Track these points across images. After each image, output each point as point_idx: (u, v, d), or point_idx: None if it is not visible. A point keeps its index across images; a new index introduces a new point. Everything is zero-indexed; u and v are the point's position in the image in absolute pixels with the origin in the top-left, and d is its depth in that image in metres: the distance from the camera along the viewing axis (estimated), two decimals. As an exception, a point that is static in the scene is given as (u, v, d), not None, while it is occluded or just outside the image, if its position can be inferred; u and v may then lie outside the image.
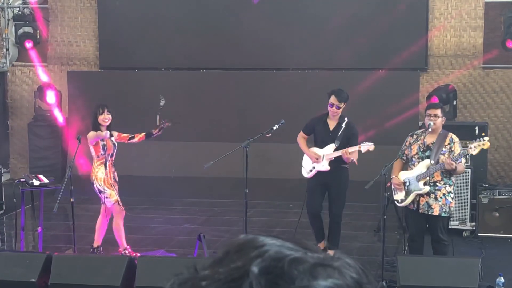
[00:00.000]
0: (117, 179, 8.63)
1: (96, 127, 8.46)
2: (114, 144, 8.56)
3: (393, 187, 7.94)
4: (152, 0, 13.10)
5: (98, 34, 13.50)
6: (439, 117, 7.69)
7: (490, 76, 12.27)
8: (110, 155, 8.52)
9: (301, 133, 8.67)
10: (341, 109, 8.36)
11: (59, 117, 13.14)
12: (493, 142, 11.91)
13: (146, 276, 7.10)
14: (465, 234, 9.96)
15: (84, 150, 11.85)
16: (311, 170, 8.52)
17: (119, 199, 8.52)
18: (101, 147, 8.45)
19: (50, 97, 12.92)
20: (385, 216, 7.84)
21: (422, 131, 7.87)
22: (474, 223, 10.01)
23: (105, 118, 8.47)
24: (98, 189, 8.45)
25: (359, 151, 8.25)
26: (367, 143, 8.26)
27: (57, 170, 12.72)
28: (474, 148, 7.55)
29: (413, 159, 7.80)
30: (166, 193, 11.77)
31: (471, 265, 7.33)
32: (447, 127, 8.01)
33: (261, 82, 12.84)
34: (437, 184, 7.66)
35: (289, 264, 1.10)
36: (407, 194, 7.78)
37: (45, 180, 9.00)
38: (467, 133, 10.08)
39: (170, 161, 12.63)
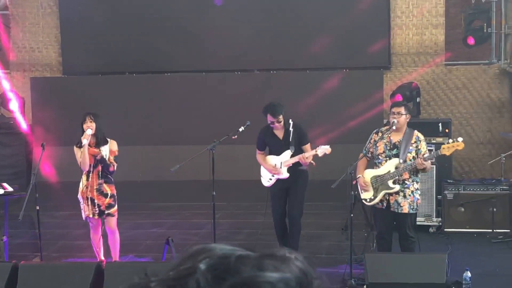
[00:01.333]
0: (107, 191, 8.16)
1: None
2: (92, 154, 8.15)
3: (359, 187, 7.98)
4: (115, 5, 13.03)
5: (60, 39, 13.38)
6: (402, 114, 7.74)
7: (453, 73, 12.40)
8: (93, 165, 8.14)
9: (257, 152, 8.63)
10: (282, 121, 8.32)
11: (23, 124, 13.00)
12: (457, 138, 12.03)
13: (114, 282, 7.05)
14: (432, 230, 10.06)
15: (49, 157, 11.80)
16: (270, 179, 8.53)
17: (92, 215, 8.16)
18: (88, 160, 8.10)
19: (13, 104, 12.78)
20: (352, 215, 7.86)
21: (386, 129, 7.90)
22: (440, 219, 10.11)
23: (88, 126, 8.01)
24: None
25: (316, 155, 8.27)
26: (324, 146, 8.25)
27: (22, 178, 12.59)
28: (448, 149, 7.60)
29: (380, 157, 7.83)
30: (133, 197, 11.71)
31: (438, 260, 7.39)
32: (411, 124, 8.06)
33: (226, 84, 12.84)
34: (406, 182, 7.71)
35: (236, 260, 1.13)
36: (376, 193, 7.82)
37: (9, 188, 8.89)
38: (431, 130, 10.20)
39: (137, 166, 12.57)
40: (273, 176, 8.49)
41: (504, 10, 11.85)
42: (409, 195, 7.71)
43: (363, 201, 8.06)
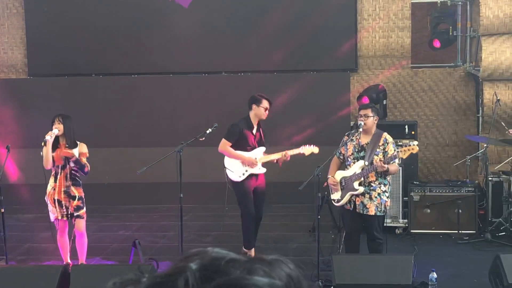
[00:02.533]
0: (74, 193, 8.07)
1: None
2: (66, 156, 8.06)
3: (329, 187, 8.03)
4: (82, 5, 12.92)
5: (26, 40, 13.25)
6: (370, 116, 7.80)
7: (419, 75, 12.51)
8: (61, 167, 8.05)
9: (225, 141, 8.60)
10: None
11: (-12, 126, 12.83)
12: (422, 140, 12.17)
13: (80, 285, 7.00)
14: (398, 231, 10.13)
15: (14, 159, 11.67)
16: (243, 174, 8.59)
17: (60, 216, 8.08)
18: (51, 158, 8.01)
19: (-22, 105, 12.62)
20: (319, 217, 7.90)
21: (355, 131, 7.98)
22: (406, 220, 10.19)
23: (54, 127, 7.94)
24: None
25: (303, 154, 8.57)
26: (310, 146, 8.58)
27: (-13, 180, 12.41)
28: (404, 152, 7.73)
29: (349, 159, 7.91)
30: (100, 200, 11.61)
31: (405, 261, 7.45)
32: (378, 127, 8.12)
33: (193, 86, 12.81)
34: (372, 184, 7.77)
35: (226, 262, 1.16)
36: (343, 194, 7.88)
37: (-26, 191, 8.76)
38: (397, 132, 10.26)
39: (104, 168, 12.48)
40: (246, 170, 8.56)
41: (470, 13, 11.99)
42: (376, 197, 7.76)
43: (332, 201, 8.12)
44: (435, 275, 7.46)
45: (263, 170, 8.67)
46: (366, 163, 7.73)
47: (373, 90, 11.52)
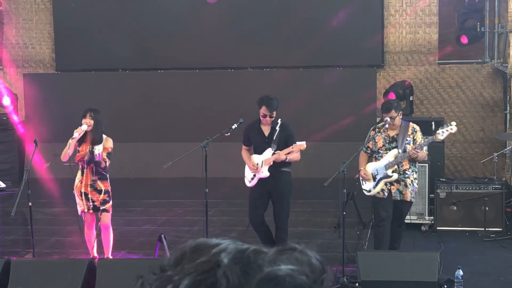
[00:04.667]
0: (100, 187, 8.18)
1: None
2: (91, 152, 8.14)
3: (361, 178, 8.16)
4: (109, 1, 13.00)
5: (53, 35, 13.35)
6: (395, 117, 7.92)
7: (446, 72, 12.42)
8: (86, 162, 8.16)
9: (243, 147, 8.50)
10: (274, 117, 8.21)
11: (16, 120, 12.96)
12: (450, 137, 12.06)
13: (106, 279, 7.05)
14: (424, 228, 10.08)
15: (42, 153, 11.77)
16: (252, 179, 8.35)
17: (87, 209, 8.18)
18: (71, 153, 8.11)
19: (6, 100, 12.74)
20: (344, 213, 7.89)
21: (382, 124, 8.08)
22: (432, 217, 10.13)
23: (85, 122, 8.07)
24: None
25: (292, 152, 8.14)
26: (299, 142, 8.11)
27: (15, 174, 12.55)
28: (443, 133, 7.89)
29: (380, 151, 8.08)
30: (126, 194, 11.67)
31: (430, 258, 7.42)
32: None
33: (219, 81, 12.83)
34: (406, 172, 8.00)
35: (254, 254, 1.18)
36: (376, 184, 7.95)
37: (2, 185, 8.88)
38: (423, 129, 10.16)
39: (130, 163, 12.56)
40: (254, 175, 8.34)
41: (498, 9, 11.88)
42: (410, 184, 8.02)
43: (364, 191, 8.27)
44: (461, 272, 7.42)
45: (267, 174, 8.20)
46: (400, 150, 7.91)
47: (400, 86, 11.46)
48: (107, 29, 12.95)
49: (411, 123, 8.16)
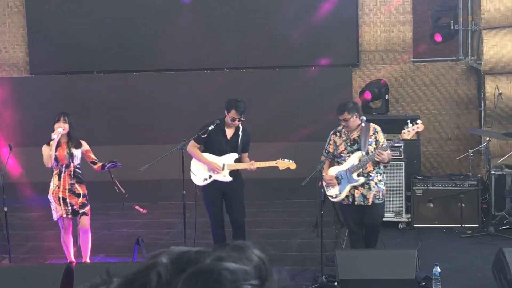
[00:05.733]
0: (79, 191, 8.21)
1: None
2: (70, 154, 8.17)
3: (325, 184, 8.02)
4: (83, 3, 12.91)
5: (27, 38, 13.24)
6: (349, 119, 7.80)
7: (420, 70, 12.49)
8: (64, 166, 8.15)
9: (193, 142, 8.32)
10: (242, 121, 8.22)
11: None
12: (425, 134, 12.16)
13: (84, 283, 7.00)
14: (401, 226, 10.13)
15: (17, 158, 11.68)
16: (206, 179, 8.30)
17: (65, 214, 8.16)
18: (54, 157, 8.12)
19: (-20, 104, 12.63)
20: (322, 212, 7.91)
21: (341, 128, 7.98)
22: (409, 215, 10.18)
23: (59, 126, 8.03)
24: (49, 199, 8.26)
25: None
26: (287, 160, 8.26)
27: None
28: (408, 133, 7.74)
29: (342, 155, 7.95)
30: (103, 197, 11.60)
31: (408, 256, 7.45)
32: (379, 122, 8.16)
33: (195, 83, 12.80)
34: (370, 174, 7.86)
35: (196, 253, 1.19)
36: (342, 188, 7.89)
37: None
38: (399, 127, 10.21)
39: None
40: (210, 176, 8.30)
41: (471, 7, 11.96)
42: (374, 187, 7.86)
43: (329, 197, 8.11)
44: (438, 269, 7.47)
45: (229, 178, 8.21)
46: (363, 153, 7.78)
47: (375, 85, 11.51)
48: (82, 32, 12.86)
49: (371, 123, 7.98)
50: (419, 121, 7.81)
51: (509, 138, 10.54)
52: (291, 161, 8.21)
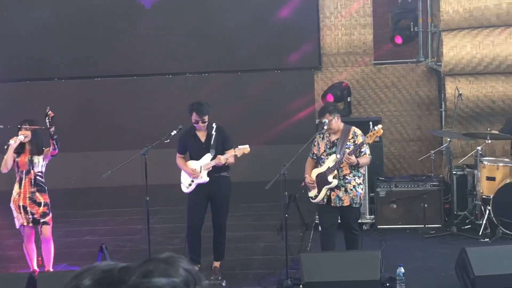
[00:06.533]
0: (40, 200, 8.05)
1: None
2: (30, 160, 8.07)
3: (307, 185, 8.10)
4: (42, 9, 12.78)
5: (-15, 46, 13.08)
6: (330, 120, 7.87)
7: (382, 72, 12.58)
8: (25, 172, 8.02)
9: (178, 155, 8.49)
10: (206, 122, 8.19)
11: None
12: (387, 136, 12.24)
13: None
14: (365, 227, 10.18)
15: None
16: (190, 184, 8.33)
17: (26, 222, 8.04)
18: (15, 164, 8.01)
19: None
20: (286, 215, 7.92)
21: (325, 130, 8.06)
22: (373, 216, 10.24)
23: (21, 133, 7.95)
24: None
25: (235, 155, 8.19)
26: (242, 146, 8.18)
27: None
28: (370, 137, 7.84)
29: (322, 157, 8.03)
30: (66, 205, 11.51)
31: (372, 257, 7.49)
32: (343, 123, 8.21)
33: (158, 87, 12.76)
34: (347, 177, 7.90)
35: (119, 271, 1.15)
36: (319, 190, 7.95)
37: None
38: (362, 129, 10.25)
39: (69, 173, 12.37)
40: (192, 181, 8.32)
41: (430, 9, 12.07)
42: (351, 190, 7.89)
43: (310, 199, 8.20)
44: (402, 270, 7.52)
45: (206, 179, 8.20)
46: (338, 156, 7.84)
47: (337, 88, 11.56)
48: (41, 38, 12.74)
49: (353, 127, 8.06)
50: (377, 127, 7.91)
51: (470, 138, 10.66)
52: (246, 146, 8.18)
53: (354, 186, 7.90)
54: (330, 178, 7.87)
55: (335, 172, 7.87)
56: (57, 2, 12.77)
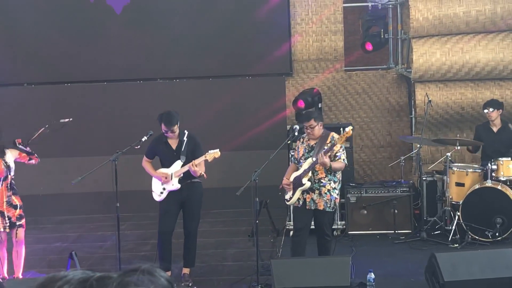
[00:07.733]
0: (16, 203, 8.05)
1: None
2: (7, 166, 8.04)
3: (284, 187, 8.18)
4: (11, 12, 12.66)
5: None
6: (314, 126, 7.96)
7: (352, 78, 12.64)
8: (2, 179, 7.99)
9: (145, 158, 8.48)
10: (177, 132, 8.18)
11: None
12: (358, 142, 12.31)
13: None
14: (336, 233, 10.22)
15: None
16: (162, 192, 8.30)
17: (3, 228, 7.98)
18: None
19: None
20: (257, 221, 7.93)
21: (305, 135, 8.17)
22: (344, 222, 10.29)
23: None
24: None
25: (206, 160, 8.17)
26: (212, 150, 8.18)
27: None
28: (339, 139, 7.89)
29: (301, 160, 8.11)
30: (35, 211, 11.39)
31: (343, 263, 7.52)
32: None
33: (128, 93, 12.69)
34: (322, 180, 7.97)
35: (97, 281, 1.13)
36: (293, 192, 8.01)
37: None
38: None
39: (38, 179, 12.25)
40: (164, 188, 8.29)
41: (400, 16, 12.18)
42: (325, 193, 7.95)
43: (285, 201, 8.30)
44: (372, 275, 7.55)
45: (177, 186, 8.20)
46: (314, 159, 7.89)
47: (308, 94, 11.60)
48: (11, 43, 12.62)
49: (332, 132, 8.13)
50: (347, 128, 8.02)
51: (439, 144, 10.75)
52: (216, 150, 8.18)
53: (328, 190, 7.96)
54: (304, 180, 7.94)
55: (310, 174, 7.94)
56: (24, 6, 12.64)
